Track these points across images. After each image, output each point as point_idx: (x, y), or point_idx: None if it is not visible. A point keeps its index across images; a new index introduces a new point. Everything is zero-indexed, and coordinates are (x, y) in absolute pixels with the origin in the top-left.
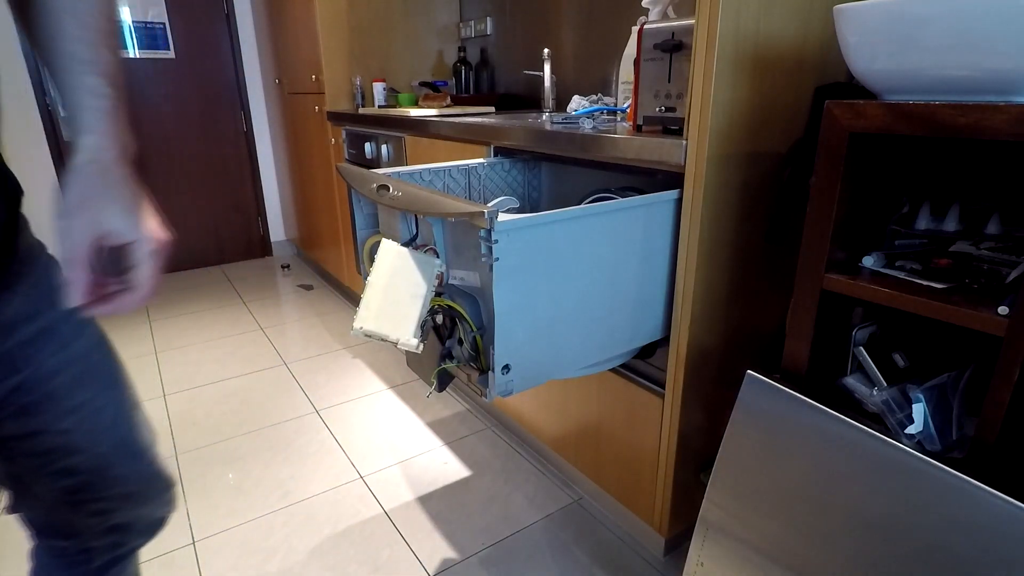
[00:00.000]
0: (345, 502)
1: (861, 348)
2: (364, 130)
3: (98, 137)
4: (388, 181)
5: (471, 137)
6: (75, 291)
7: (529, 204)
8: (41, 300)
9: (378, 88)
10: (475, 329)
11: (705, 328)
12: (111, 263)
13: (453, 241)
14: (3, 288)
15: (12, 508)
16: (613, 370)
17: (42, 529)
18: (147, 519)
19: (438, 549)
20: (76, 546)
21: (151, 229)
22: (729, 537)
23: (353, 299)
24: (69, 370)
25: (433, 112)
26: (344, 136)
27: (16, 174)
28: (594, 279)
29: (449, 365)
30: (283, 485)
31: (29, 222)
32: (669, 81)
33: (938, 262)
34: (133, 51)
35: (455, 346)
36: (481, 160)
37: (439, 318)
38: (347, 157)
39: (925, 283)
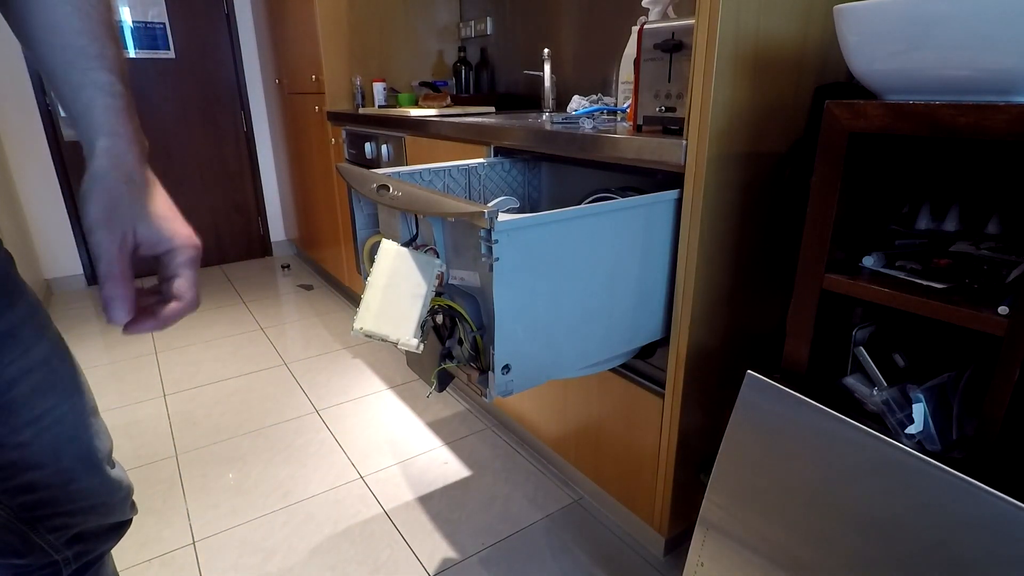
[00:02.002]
0: (345, 502)
1: (861, 348)
2: (364, 130)
3: (116, 139)
4: (388, 181)
5: (471, 137)
6: (119, 308)
7: (529, 204)
8: None
9: (378, 88)
10: (475, 329)
11: (705, 328)
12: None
13: (453, 241)
14: None
15: None
16: (613, 370)
17: None
18: (110, 525)
19: (438, 549)
20: (37, 561)
21: (185, 235)
22: (729, 537)
23: (353, 299)
24: (29, 378)
25: (433, 112)
26: (344, 136)
27: (16, 174)
28: (594, 279)
29: (449, 365)
30: (283, 485)
31: None
32: (669, 81)
33: (938, 262)
34: (133, 51)
35: (455, 346)
36: (481, 160)
37: (439, 318)
38: (347, 157)
39: (925, 283)
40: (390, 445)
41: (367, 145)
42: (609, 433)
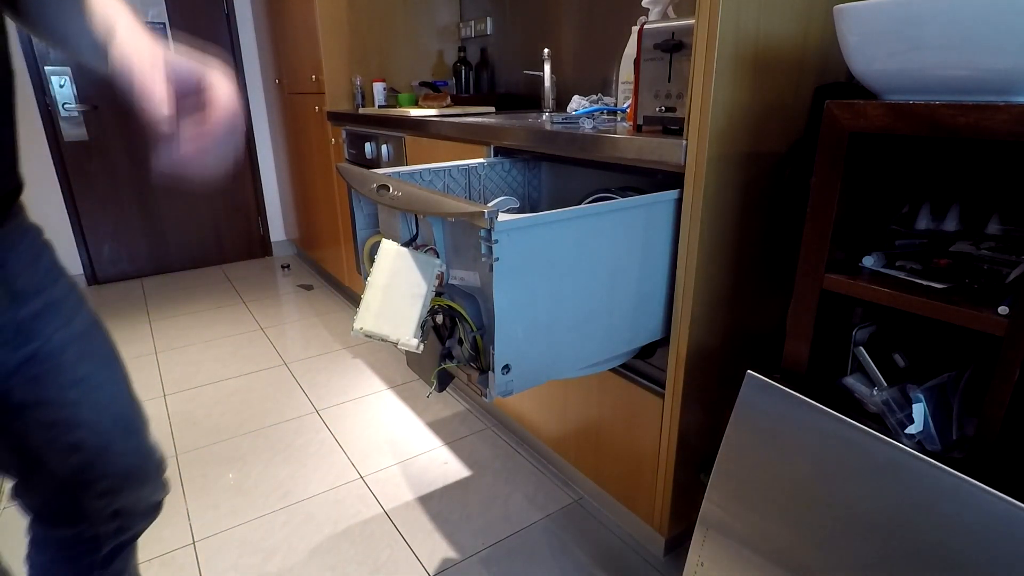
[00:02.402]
0: (345, 502)
1: (861, 348)
2: (364, 130)
3: (136, 26)
4: (388, 181)
5: (471, 137)
6: (158, 100)
7: (529, 204)
8: (44, 277)
9: (378, 88)
10: (475, 329)
11: (705, 328)
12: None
13: (453, 241)
14: (13, 263)
15: (19, 493)
16: (613, 370)
17: (49, 516)
18: (146, 501)
19: (438, 549)
20: (83, 533)
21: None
22: (729, 537)
23: (353, 299)
24: (74, 345)
25: (433, 112)
26: (344, 136)
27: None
28: (594, 279)
29: (449, 365)
30: (283, 485)
31: (25, 208)
32: (669, 81)
33: (938, 262)
34: None
35: (455, 346)
36: (481, 160)
37: (439, 318)
38: (347, 157)
39: (925, 283)
40: (390, 445)
41: (367, 145)
42: (609, 433)
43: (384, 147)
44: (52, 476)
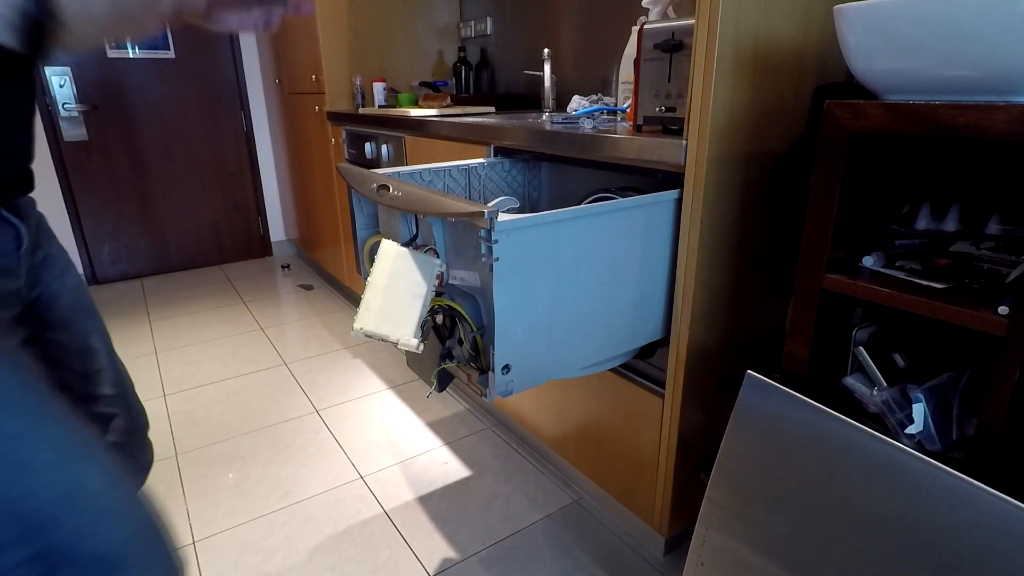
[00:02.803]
0: (345, 502)
1: (861, 348)
2: (364, 130)
3: None
4: (388, 181)
5: (471, 137)
6: None
7: (529, 204)
8: (43, 235)
9: (378, 88)
10: (475, 329)
11: (705, 328)
12: None
13: (453, 241)
14: (28, 220)
15: None
16: (613, 370)
17: None
18: (133, 458)
19: (438, 549)
20: None
21: None
22: (729, 537)
23: (353, 299)
24: (66, 295)
25: (433, 112)
26: (344, 136)
27: None
28: (594, 279)
29: (449, 365)
30: (283, 485)
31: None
32: (669, 81)
33: (938, 262)
34: (133, 51)
35: (455, 346)
36: (481, 160)
37: (439, 318)
38: (347, 157)
39: (925, 283)
40: (390, 445)
41: (367, 145)
42: (609, 433)
43: (384, 147)
44: None
